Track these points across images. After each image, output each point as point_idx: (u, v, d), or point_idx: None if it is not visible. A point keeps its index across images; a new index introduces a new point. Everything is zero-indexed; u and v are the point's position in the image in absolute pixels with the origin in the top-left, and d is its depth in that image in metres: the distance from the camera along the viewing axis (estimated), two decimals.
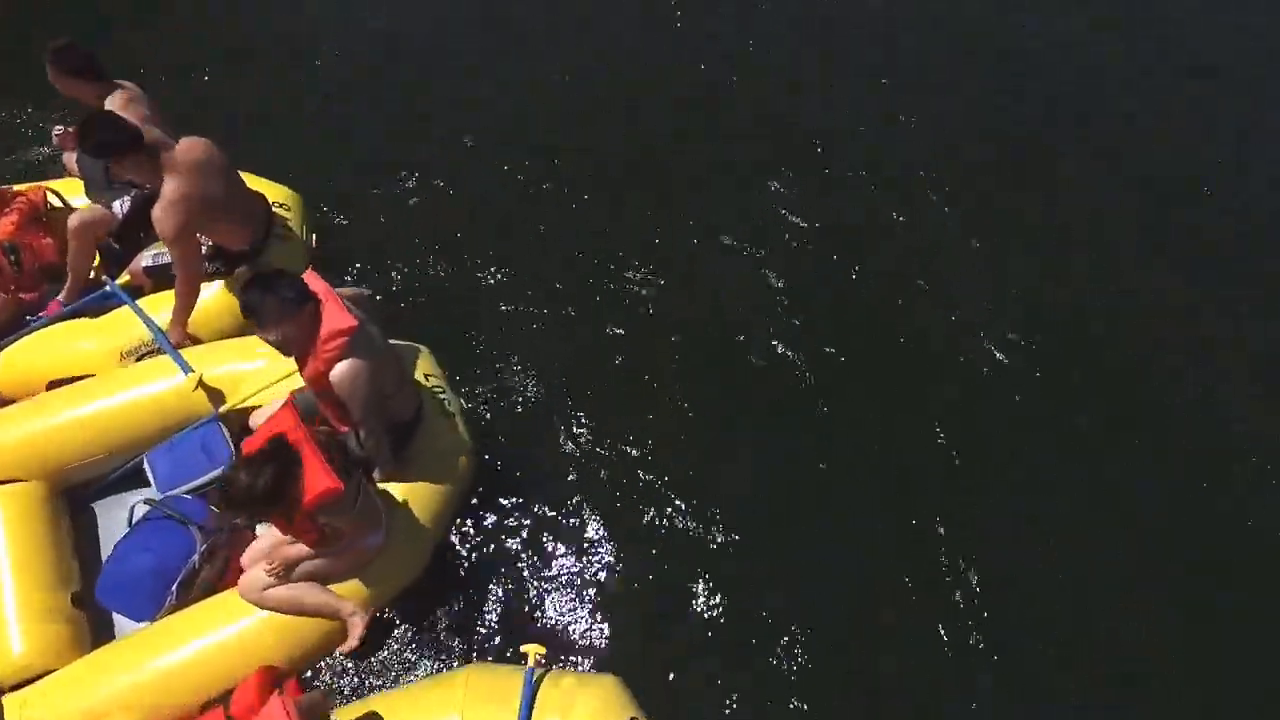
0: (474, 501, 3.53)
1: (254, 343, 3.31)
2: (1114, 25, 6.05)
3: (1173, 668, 3.26)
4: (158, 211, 3.18)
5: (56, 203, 3.93)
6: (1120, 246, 4.68)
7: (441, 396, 3.33)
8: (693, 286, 4.42)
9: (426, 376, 3.36)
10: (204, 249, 3.55)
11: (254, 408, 3.29)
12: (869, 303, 4.36)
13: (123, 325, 3.56)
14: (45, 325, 3.64)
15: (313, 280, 2.79)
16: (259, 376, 3.31)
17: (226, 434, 3.29)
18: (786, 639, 3.29)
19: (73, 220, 3.66)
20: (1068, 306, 4.39)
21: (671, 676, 3.21)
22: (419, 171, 4.91)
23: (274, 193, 3.93)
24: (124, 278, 3.75)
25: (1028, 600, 3.41)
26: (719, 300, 4.36)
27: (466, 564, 3.45)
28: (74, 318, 3.67)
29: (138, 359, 3.51)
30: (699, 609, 3.37)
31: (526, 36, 5.81)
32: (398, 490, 3.09)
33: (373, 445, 2.95)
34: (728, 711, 3.15)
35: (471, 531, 3.52)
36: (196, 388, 3.26)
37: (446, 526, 3.31)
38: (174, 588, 2.96)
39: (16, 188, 3.91)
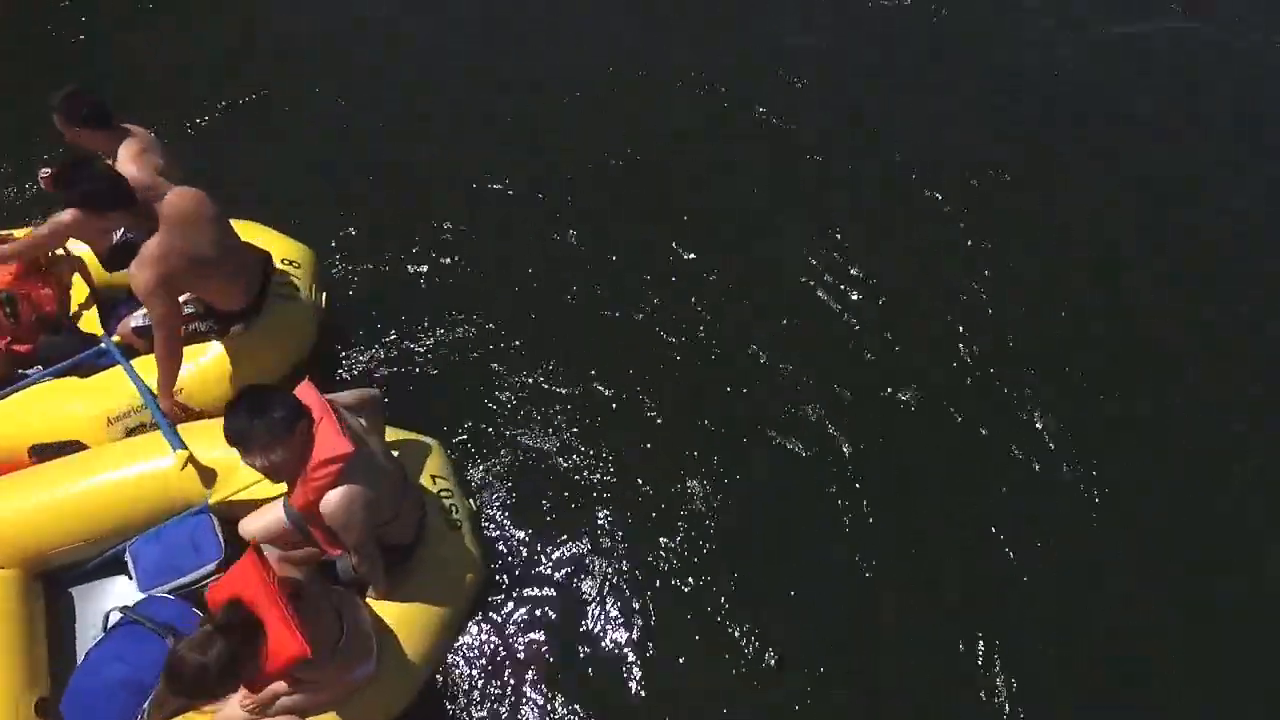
0: (477, 615, 3.32)
1: None
2: (1112, 26, 6.05)
3: (1173, 668, 3.26)
4: (134, 266, 2.96)
5: (59, 250, 3.70)
6: (1120, 246, 4.68)
7: (449, 502, 3.11)
8: (698, 298, 4.38)
9: (434, 479, 3.15)
10: (194, 308, 3.36)
11: (248, 501, 3.00)
12: (868, 304, 4.36)
13: (113, 388, 3.33)
14: (34, 383, 3.42)
15: (307, 394, 2.54)
16: None
17: (217, 527, 3.02)
18: (786, 639, 3.30)
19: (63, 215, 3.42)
20: (1068, 307, 4.39)
21: (672, 678, 3.22)
22: (435, 220, 4.70)
23: (282, 247, 3.70)
24: (114, 337, 3.54)
25: (1028, 600, 3.41)
26: (723, 312, 4.32)
27: (464, 687, 3.19)
28: (65, 375, 3.44)
29: (127, 429, 3.29)
30: (704, 636, 3.35)
31: (538, 67, 5.72)
32: (392, 612, 2.86)
33: (367, 570, 2.77)
34: (728, 713, 3.15)
35: (472, 649, 3.27)
36: (185, 467, 2.99)
37: (445, 650, 3.09)
38: (146, 705, 2.68)
39: (17, 234, 3.67)
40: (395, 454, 3.03)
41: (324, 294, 3.79)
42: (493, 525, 3.60)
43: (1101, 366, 4.15)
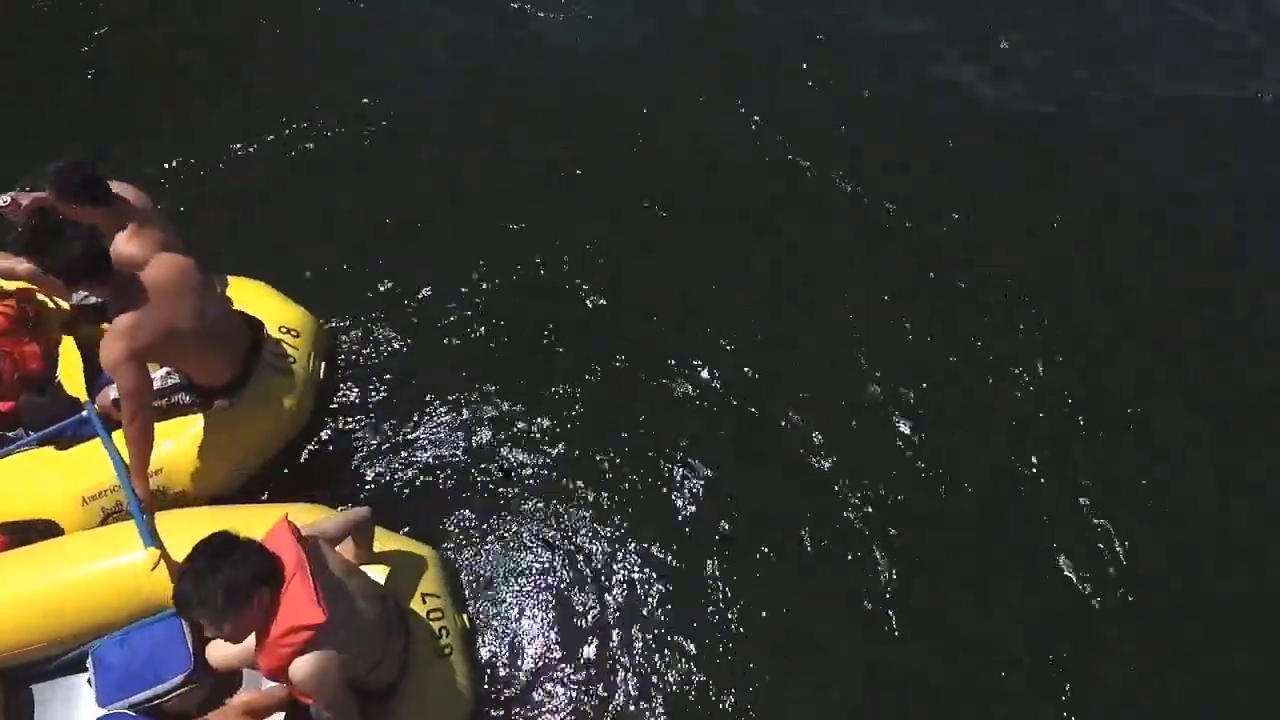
0: None
1: (234, 515, 2.81)
2: (1112, 26, 6.06)
3: (1173, 668, 3.27)
4: (106, 338, 2.77)
5: (48, 304, 3.58)
6: (1120, 246, 4.68)
7: (439, 625, 2.83)
8: (700, 307, 4.33)
9: (424, 598, 2.88)
10: (176, 378, 3.21)
11: None
12: (868, 304, 4.36)
13: (91, 463, 3.13)
14: (11, 453, 3.25)
15: (282, 541, 2.28)
16: None
17: (188, 633, 2.80)
18: (786, 639, 3.30)
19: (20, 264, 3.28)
20: (1068, 307, 4.39)
21: (673, 679, 3.22)
22: (437, 249, 4.51)
23: (282, 313, 3.49)
24: (96, 406, 3.31)
25: (1028, 601, 3.42)
26: (725, 326, 4.26)
27: None
28: (45, 444, 3.26)
29: (104, 509, 3.10)
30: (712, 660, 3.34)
31: (538, 67, 5.65)
32: None
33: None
34: (728, 713, 3.16)
35: None
36: (156, 566, 2.73)
37: None
38: None
39: (7, 286, 3.56)
40: (384, 574, 2.82)
41: (324, 363, 3.55)
42: (490, 636, 3.35)
43: (1101, 366, 4.15)
